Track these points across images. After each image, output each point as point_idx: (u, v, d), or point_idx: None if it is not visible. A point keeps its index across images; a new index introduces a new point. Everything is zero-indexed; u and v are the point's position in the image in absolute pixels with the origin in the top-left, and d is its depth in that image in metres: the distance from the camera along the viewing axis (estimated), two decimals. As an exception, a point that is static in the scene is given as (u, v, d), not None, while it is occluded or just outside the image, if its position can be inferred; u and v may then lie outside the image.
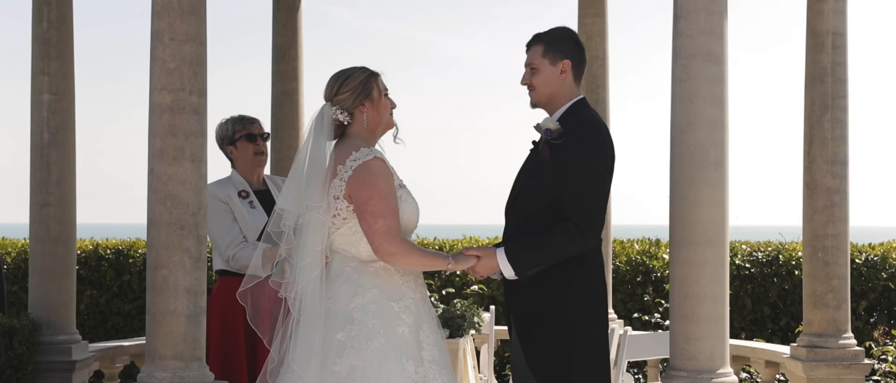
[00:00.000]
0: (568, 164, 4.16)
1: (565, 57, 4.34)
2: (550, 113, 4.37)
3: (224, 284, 5.50)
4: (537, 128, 4.33)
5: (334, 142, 4.20)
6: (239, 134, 5.64)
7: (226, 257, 5.46)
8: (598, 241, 4.28)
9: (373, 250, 4.04)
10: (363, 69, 4.22)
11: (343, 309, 4.04)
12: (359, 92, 4.15)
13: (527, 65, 4.40)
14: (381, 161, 4.08)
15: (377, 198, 4.01)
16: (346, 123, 4.17)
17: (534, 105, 4.43)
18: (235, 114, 5.77)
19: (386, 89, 4.25)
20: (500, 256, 4.19)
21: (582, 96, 4.40)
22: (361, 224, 4.04)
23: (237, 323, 5.38)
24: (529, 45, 4.40)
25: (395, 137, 4.30)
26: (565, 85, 4.35)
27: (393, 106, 4.28)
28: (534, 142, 4.40)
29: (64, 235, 6.59)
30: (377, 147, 4.22)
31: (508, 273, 4.20)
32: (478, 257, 4.21)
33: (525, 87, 4.44)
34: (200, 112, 5.08)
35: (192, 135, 5.04)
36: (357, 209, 4.04)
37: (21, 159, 7.41)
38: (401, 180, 4.19)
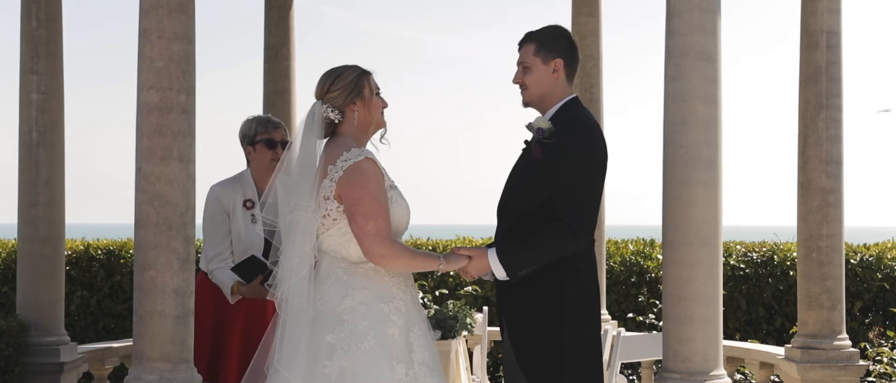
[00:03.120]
0: (560, 164, 4.12)
1: (557, 55, 4.30)
2: (542, 112, 4.33)
3: (205, 280, 5.49)
4: (529, 127, 4.29)
5: (324, 141, 4.16)
6: (260, 137, 5.46)
7: (207, 268, 5.42)
8: (590, 241, 4.24)
9: (363, 252, 4.00)
10: (354, 67, 4.18)
11: (333, 311, 4.00)
12: (350, 90, 4.11)
13: (519, 63, 4.36)
14: (372, 162, 4.03)
15: (368, 200, 3.97)
16: (336, 122, 4.13)
17: (526, 104, 4.38)
18: (262, 114, 5.66)
19: (377, 88, 4.21)
20: (492, 257, 4.14)
21: (574, 95, 4.35)
22: (351, 225, 4.00)
23: (205, 315, 5.37)
24: (522, 44, 4.36)
25: (382, 137, 4.25)
26: (557, 84, 4.31)
27: (384, 105, 4.23)
28: (526, 142, 4.36)
29: (53, 235, 6.55)
30: (369, 147, 4.18)
31: (500, 273, 4.15)
32: (469, 257, 4.17)
33: (517, 85, 4.39)
34: (189, 111, 5.04)
35: (181, 135, 4.99)
36: (347, 210, 3.99)
37: (10, 158, 7.37)
38: (392, 181, 4.15)
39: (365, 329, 3.95)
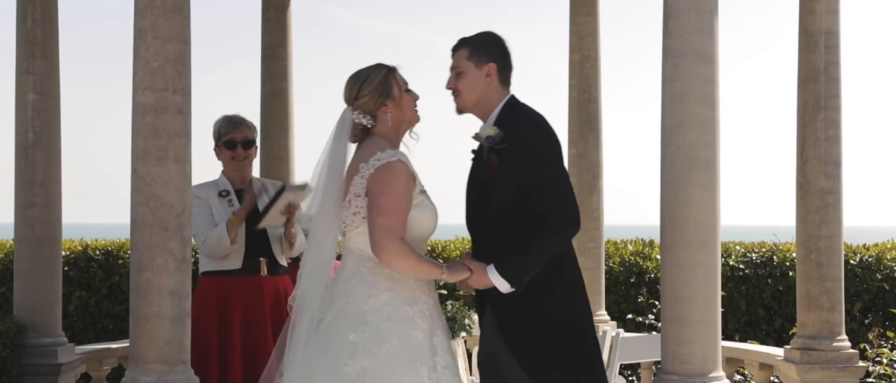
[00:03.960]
0: (525, 164, 4.11)
1: (490, 60, 4.29)
2: (482, 118, 4.32)
3: (204, 284, 5.52)
4: (476, 137, 4.27)
5: (354, 145, 4.17)
6: (224, 138, 5.68)
7: (200, 243, 5.54)
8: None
9: (371, 245, 3.97)
10: (379, 67, 4.16)
11: (357, 310, 4.00)
12: (379, 93, 4.11)
13: (452, 68, 4.34)
14: (403, 164, 4.04)
15: (387, 196, 3.96)
16: (369, 126, 4.12)
17: (459, 111, 4.34)
18: (232, 113, 5.80)
19: (405, 83, 4.20)
20: (493, 274, 4.11)
21: (511, 95, 4.34)
22: (368, 216, 4.00)
23: (209, 319, 5.45)
24: (455, 50, 4.34)
25: (411, 132, 4.24)
26: (491, 88, 4.30)
27: (416, 98, 4.23)
28: (473, 152, 4.32)
29: (49, 236, 6.52)
30: (402, 149, 4.17)
31: (504, 287, 4.12)
32: (471, 271, 4.15)
33: (451, 91, 4.37)
34: (184, 112, 5.02)
35: (176, 136, 4.97)
36: (368, 202, 4.00)
37: (6, 159, 7.35)
38: (423, 186, 4.14)
39: (388, 330, 3.95)
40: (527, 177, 4.09)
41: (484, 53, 4.28)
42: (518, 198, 4.11)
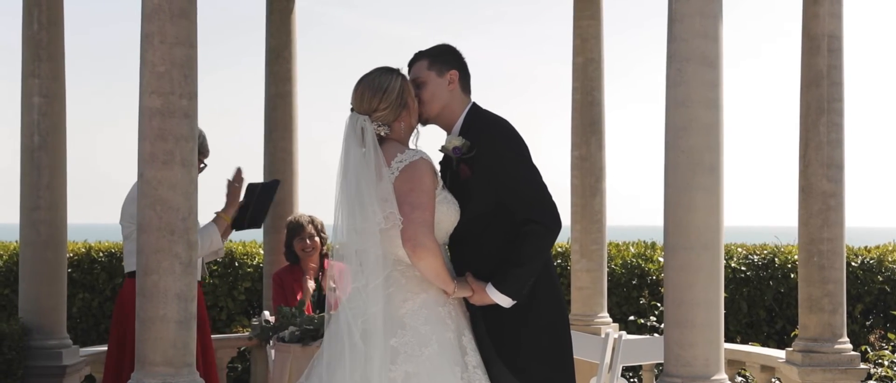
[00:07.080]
0: (498, 171, 4.15)
1: (452, 67, 4.32)
2: (445, 128, 4.35)
3: (132, 286, 5.52)
4: (443, 150, 4.30)
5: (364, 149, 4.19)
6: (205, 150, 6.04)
7: None
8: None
9: (403, 240, 4.00)
10: (391, 73, 4.20)
11: (393, 315, 4.05)
12: (397, 105, 4.17)
13: (412, 81, 4.34)
14: (427, 162, 4.11)
15: (418, 192, 4.02)
16: (384, 135, 4.17)
17: (424, 122, 4.36)
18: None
19: (412, 89, 4.24)
20: (492, 292, 4.15)
21: (473, 102, 4.38)
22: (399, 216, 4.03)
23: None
24: (412, 63, 4.37)
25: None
26: (455, 95, 4.33)
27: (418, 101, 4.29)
28: (441, 164, 4.34)
29: (54, 239, 6.54)
30: (419, 146, 4.25)
31: (506, 303, 4.16)
32: (473, 290, 4.19)
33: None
34: (191, 116, 5.04)
35: (183, 139, 4.99)
36: (397, 202, 4.03)
37: (12, 161, 7.36)
38: (442, 183, 4.21)
39: (428, 333, 4.01)
40: (501, 185, 4.14)
41: (444, 62, 4.33)
42: (493, 206, 4.15)
